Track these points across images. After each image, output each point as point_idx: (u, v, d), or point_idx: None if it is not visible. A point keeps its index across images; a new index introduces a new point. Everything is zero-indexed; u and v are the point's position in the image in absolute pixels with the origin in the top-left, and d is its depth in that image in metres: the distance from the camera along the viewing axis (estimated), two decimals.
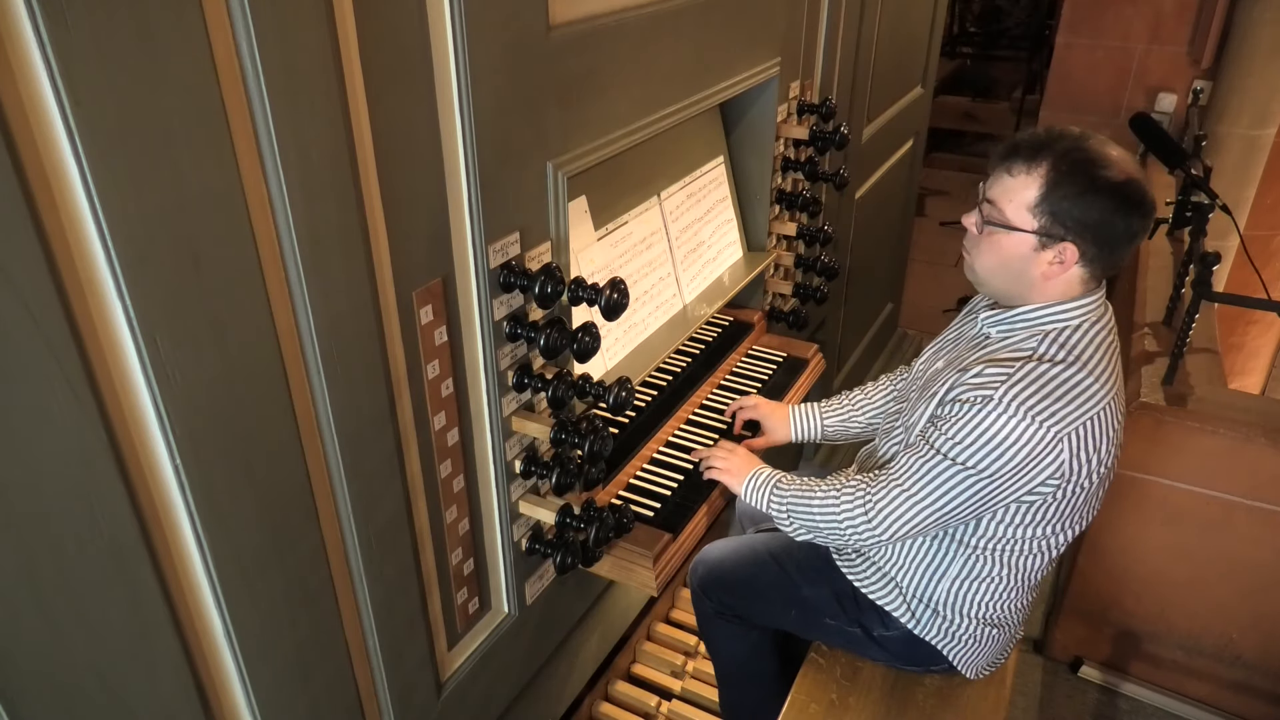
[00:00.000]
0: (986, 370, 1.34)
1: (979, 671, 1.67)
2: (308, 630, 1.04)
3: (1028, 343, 1.37)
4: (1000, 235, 1.37)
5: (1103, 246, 1.32)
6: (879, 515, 1.42)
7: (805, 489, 1.54)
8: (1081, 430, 1.31)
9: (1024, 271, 1.37)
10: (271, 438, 0.92)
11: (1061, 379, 1.31)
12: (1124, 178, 1.29)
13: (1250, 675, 2.41)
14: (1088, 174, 1.29)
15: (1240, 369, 4.64)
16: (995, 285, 1.43)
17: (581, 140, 1.32)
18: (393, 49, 0.95)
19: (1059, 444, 1.30)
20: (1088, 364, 1.33)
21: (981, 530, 1.47)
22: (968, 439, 1.33)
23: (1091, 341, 1.36)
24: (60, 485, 0.74)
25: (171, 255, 0.77)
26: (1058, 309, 1.38)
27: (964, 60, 7.47)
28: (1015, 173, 1.34)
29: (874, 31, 2.54)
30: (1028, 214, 1.33)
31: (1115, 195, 1.28)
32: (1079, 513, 1.44)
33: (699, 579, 1.88)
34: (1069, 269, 1.34)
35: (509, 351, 1.27)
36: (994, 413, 1.30)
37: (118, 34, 0.68)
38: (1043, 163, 1.31)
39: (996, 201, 1.37)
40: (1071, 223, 1.30)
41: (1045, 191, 1.31)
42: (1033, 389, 1.30)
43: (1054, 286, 1.37)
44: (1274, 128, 3.90)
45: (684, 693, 2.22)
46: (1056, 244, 1.32)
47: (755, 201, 2.15)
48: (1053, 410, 1.29)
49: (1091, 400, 1.31)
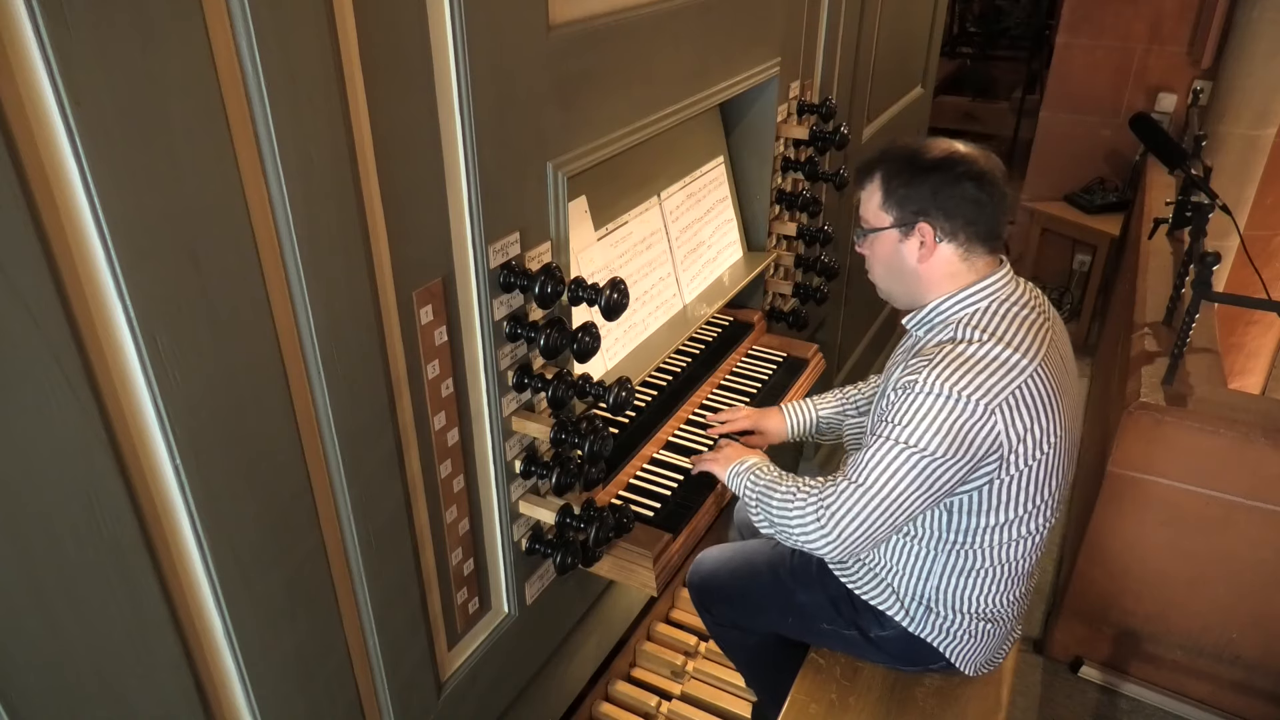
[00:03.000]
0: (911, 362, 1.42)
1: (978, 668, 1.67)
2: (308, 630, 1.04)
3: (945, 333, 1.45)
4: (874, 241, 1.51)
5: (953, 217, 1.42)
6: (830, 520, 1.40)
7: (773, 482, 1.52)
8: (1012, 399, 1.35)
9: (903, 266, 1.48)
10: (271, 437, 0.92)
11: (979, 355, 1.37)
12: (943, 154, 1.43)
13: (1250, 675, 2.41)
14: (910, 161, 1.44)
15: (1240, 369, 4.64)
16: (895, 291, 1.55)
17: (581, 140, 1.32)
18: (393, 49, 0.95)
19: (990, 416, 1.34)
20: (1004, 338, 1.38)
21: (958, 524, 1.48)
22: (905, 419, 1.37)
23: (1006, 318, 1.42)
24: (60, 485, 0.74)
25: (171, 255, 0.77)
26: (960, 296, 1.46)
27: (964, 60, 7.47)
28: (864, 186, 1.51)
29: (874, 31, 2.55)
30: (882, 213, 1.48)
31: (938, 168, 1.41)
32: (1044, 487, 1.45)
33: (696, 593, 1.89)
34: (935, 249, 1.44)
35: (509, 351, 1.27)
36: (922, 394, 1.36)
37: (118, 34, 0.68)
38: (877, 169, 1.48)
39: (861, 215, 1.54)
40: (914, 205, 1.44)
41: (885, 188, 1.46)
42: (951, 368, 1.35)
43: (937, 271, 1.46)
44: (1274, 128, 3.89)
45: (684, 693, 2.22)
46: (913, 229, 1.44)
47: (755, 201, 2.15)
48: (978, 384, 1.34)
49: (1014, 370, 1.35)
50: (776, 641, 1.89)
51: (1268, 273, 4.00)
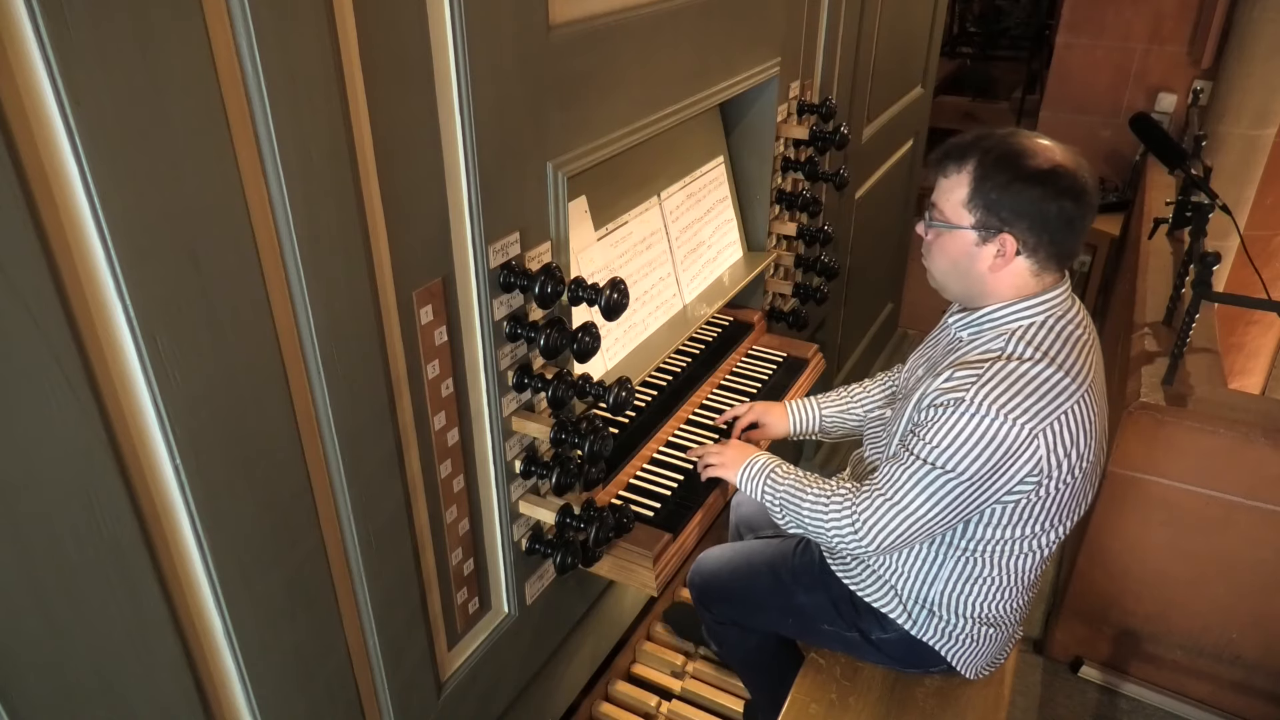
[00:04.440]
0: (957, 373, 1.36)
1: (978, 671, 1.67)
2: (308, 630, 1.04)
3: (995, 343, 1.39)
4: (945, 236, 1.42)
5: (1040, 234, 1.34)
6: (865, 528, 1.42)
7: (798, 486, 1.53)
8: (1056, 425, 1.32)
9: (971, 269, 1.40)
10: (271, 437, 0.92)
11: (1030, 375, 1.32)
12: (1049, 165, 1.32)
13: (1250, 675, 2.41)
14: (1012, 165, 1.33)
15: (1240, 369, 4.64)
16: (952, 288, 1.47)
17: (582, 140, 1.32)
18: (393, 49, 0.95)
19: (1034, 440, 1.31)
20: (1056, 359, 1.34)
21: (971, 533, 1.47)
22: (944, 442, 1.34)
23: (1059, 337, 1.37)
24: (60, 485, 0.74)
25: (171, 255, 0.77)
26: (1019, 307, 1.40)
27: (964, 60, 7.46)
28: (949, 174, 1.40)
29: (874, 31, 2.54)
30: (964, 210, 1.38)
31: (1041, 181, 1.31)
32: (1066, 509, 1.44)
33: (696, 591, 1.88)
34: (1011, 261, 1.37)
35: (509, 351, 1.27)
36: (966, 414, 1.32)
37: (118, 34, 0.68)
38: (970, 160, 1.36)
39: (937, 204, 1.43)
40: (1004, 213, 1.34)
41: (975, 186, 1.36)
42: (1002, 388, 1.31)
43: (1005, 282, 1.40)
44: (1274, 128, 3.90)
45: (684, 692, 2.22)
46: (995, 237, 1.36)
47: (755, 201, 2.15)
48: (1025, 407, 1.30)
49: (1063, 395, 1.32)
50: (776, 643, 1.89)
51: (1268, 273, 4.00)
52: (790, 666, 1.84)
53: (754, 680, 2.01)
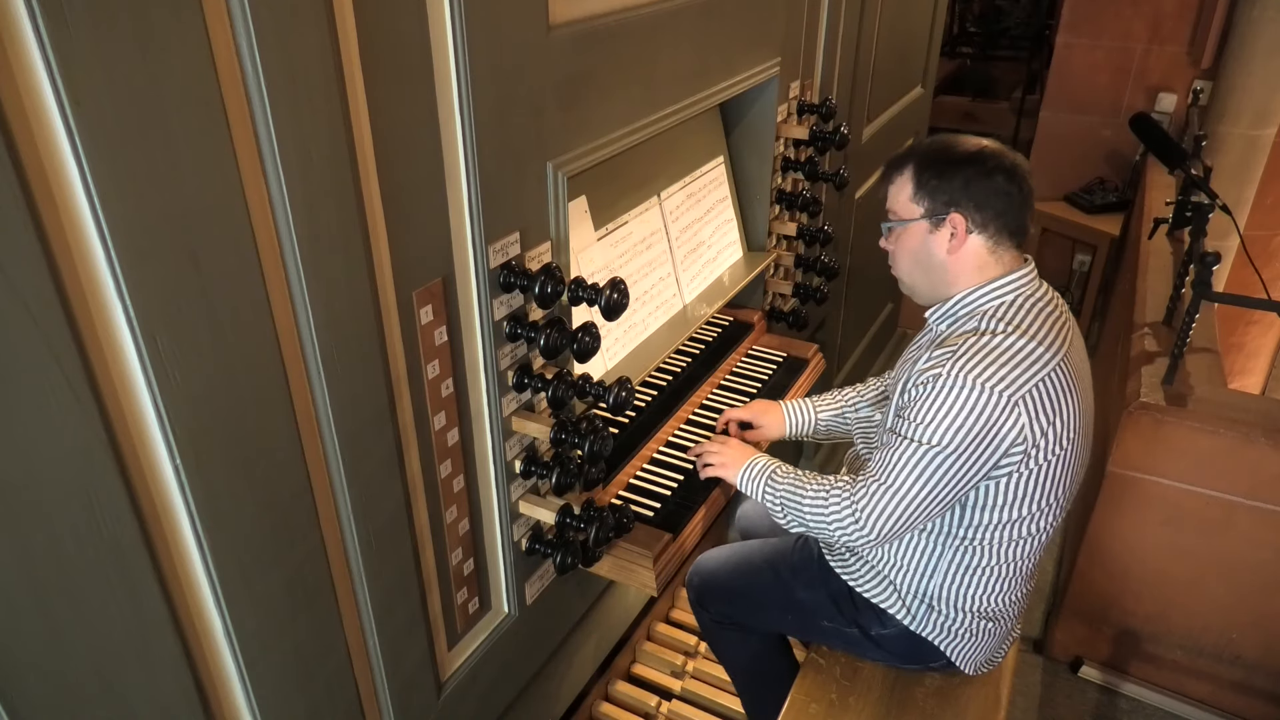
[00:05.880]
0: (934, 353, 1.42)
1: (978, 667, 1.67)
2: (308, 630, 1.04)
3: (970, 323, 1.45)
4: (901, 234, 1.53)
5: (984, 208, 1.43)
6: (865, 517, 1.44)
7: (798, 485, 1.54)
8: (1036, 393, 1.36)
9: (931, 259, 1.49)
10: (271, 437, 0.92)
11: (1004, 347, 1.37)
12: (976, 148, 1.45)
13: (1250, 675, 2.41)
14: (944, 153, 1.46)
15: (1240, 369, 4.64)
16: (920, 286, 1.55)
17: (581, 140, 1.32)
18: (393, 49, 0.95)
19: (1014, 408, 1.35)
20: (1029, 331, 1.40)
21: (967, 519, 1.49)
22: (927, 418, 1.38)
23: (1029, 313, 1.43)
24: (60, 485, 0.74)
25: (171, 255, 0.77)
26: (988, 288, 1.46)
27: (964, 60, 7.46)
28: (893, 180, 1.53)
29: (874, 31, 2.55)
30: (912, 205, 1.49)
31: (971, 161, 1.43)
32: (1058, 487, 1.46)
33: (695, 591, 1.88)
34: (965, 240, 1.46)
35: (509, 351, 1.27)
36: (945, 388, 1.36)
37: (118, 34, 0.68)
38: (909, 163, 1.50)
39: (889, 208, 1.55)
40: (946, 195, 1.45)
41: (916, 180, 1.48)
42: (976, 359, 1.36)
43: (966, 264, 1.47)
44: (1274, 128, 3.89)
45: (684, 692, 2.22)
46: (945, 220, 1.46)
47: (755, 201, 2.15)
48: (1000, 375, 1.35)
49: (1038, 363, 1.36)
50: (774, 647, 1.89)
51: (1268, 273, 4.00)
52: (787, 678, 1.84)
53: (751, 692, 1.99)
